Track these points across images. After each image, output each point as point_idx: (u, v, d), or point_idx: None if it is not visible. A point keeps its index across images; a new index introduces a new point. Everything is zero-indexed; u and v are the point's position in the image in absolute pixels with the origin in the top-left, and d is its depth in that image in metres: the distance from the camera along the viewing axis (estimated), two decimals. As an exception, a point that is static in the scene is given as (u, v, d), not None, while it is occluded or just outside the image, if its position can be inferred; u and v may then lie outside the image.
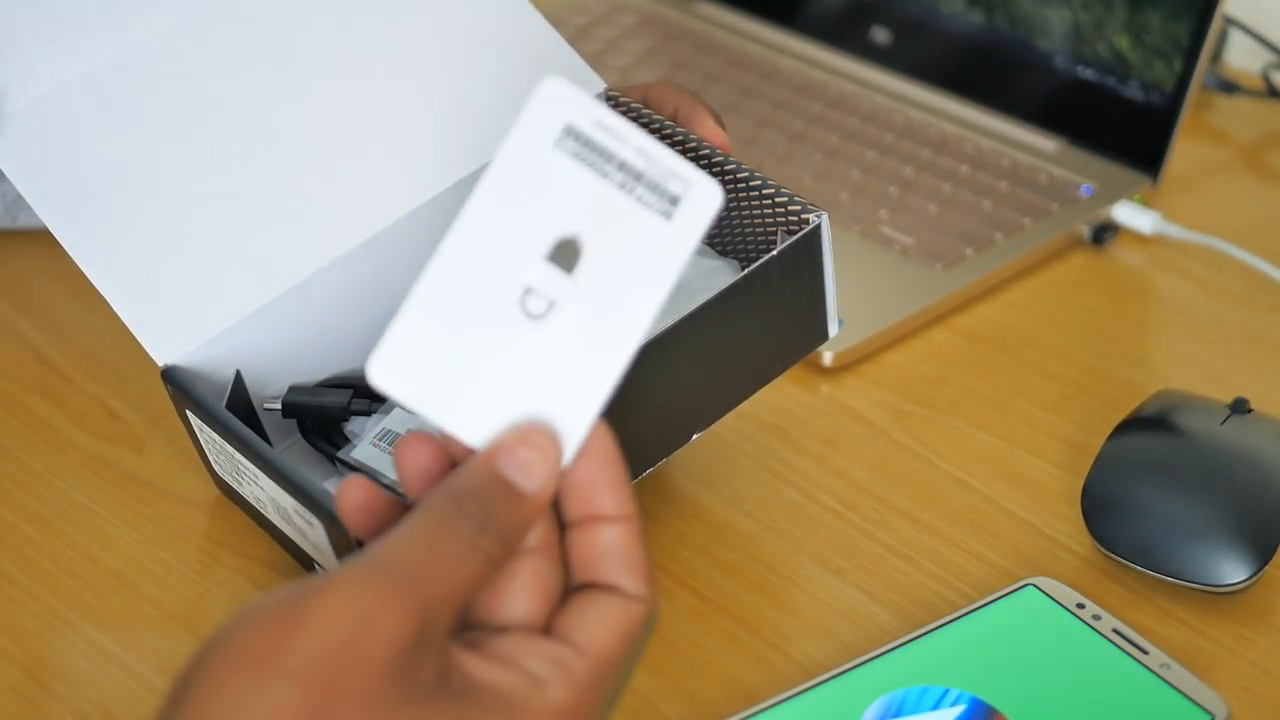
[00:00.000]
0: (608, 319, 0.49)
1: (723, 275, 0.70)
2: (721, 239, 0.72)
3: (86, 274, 0.67)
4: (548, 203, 0.50)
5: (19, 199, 0.83)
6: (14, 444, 0.77)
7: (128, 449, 0.76)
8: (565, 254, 0.50)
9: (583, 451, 0.49)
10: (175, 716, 0.44)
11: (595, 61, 0.74)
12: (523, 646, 0.48)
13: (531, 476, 0.49)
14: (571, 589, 0.50)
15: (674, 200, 0.50)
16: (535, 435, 0.49)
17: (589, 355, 0.49)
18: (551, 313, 0.49)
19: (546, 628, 0.49)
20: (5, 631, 0.68)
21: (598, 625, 0.48)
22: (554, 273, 0.49)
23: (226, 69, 0.71)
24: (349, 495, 0.51)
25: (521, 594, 0.49)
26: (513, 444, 0.49)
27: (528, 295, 0.49)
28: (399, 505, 0.51)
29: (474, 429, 0.49)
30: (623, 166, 0.49)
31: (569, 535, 0.50)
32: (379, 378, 0.49)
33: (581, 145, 0.50)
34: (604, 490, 0.49)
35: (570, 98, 0.50)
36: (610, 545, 0.49)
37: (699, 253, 0.73)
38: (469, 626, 0.49)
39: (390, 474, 0.67)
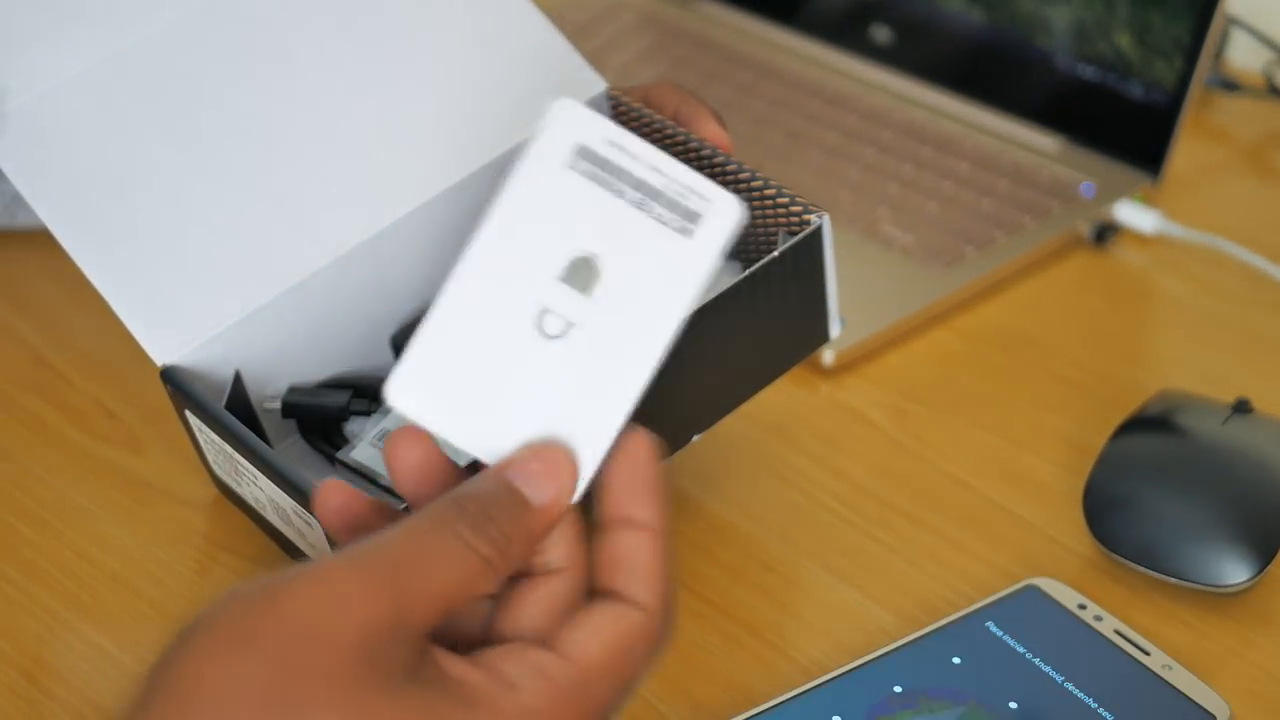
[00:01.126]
0: (628, 337, 0.50)
1: (723, 276, 0.69)
2: None
3: (85, 273, 0.67)
4: (562, 224, 0.50)
5: (18, 197, 0.83)
6: (12, 444, 0.76)
7: (126, 449, 0.76)
8: (581, 274, 0.50)
9: (619, 454, 0.49)
10: (153, 690, 0.45)
11: (594, 59, 0.74)
12: (506, 653, 0.48)
13: (541, 490, 0.48)
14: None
15: (693, 217, 0.50)
16: (550, 451, 0.49)
17: (609, 373, 0.50)
18: (570, 333, 0.50)
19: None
20: (3, 632, 0.68)
21: (590, 635, 0.48)
22: (570, 293, 0.50)
23: (226, 68, 0.70)
24: (328, 498, 0.51)
25: (532, 610, 0.49)
26: (526, 458, 0.49)
27: (544, 316, 0.50)
28: (382, 509, 0.51)
29: (491, 448, 0.50)
30: (638, 185, 0.50)
31: (596, 538, 0.50)
32: (397, 399, 0.49)
33: (595, 165, 0.50)
34: (636, 496, 0.49)
35: (583, 118, 0.50)
36: (631, 551, 0.49)
37: None
38: (482, 643, 0.49)
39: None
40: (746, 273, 0.64)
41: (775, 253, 0.65)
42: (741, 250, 0.71)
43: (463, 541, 0.47)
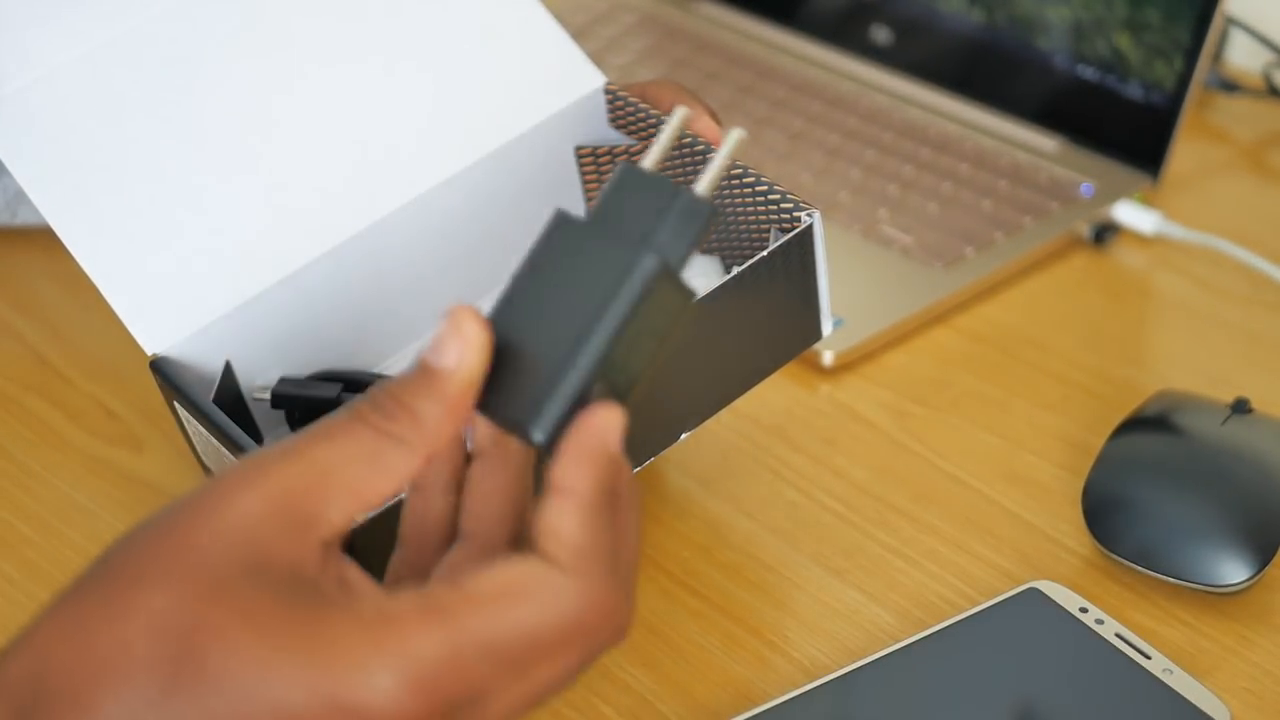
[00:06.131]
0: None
1: (706, 272, 0.70)
2: (715, 235, 0.72)
3: (77, 259, 0.66)
4: None
5: (20, 194, 0.83)
6: (12, 444, 0.77)
7: (126, 449, 0.76)
8: None
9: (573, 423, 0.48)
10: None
11: (595, 60, 0.74)
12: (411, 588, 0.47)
13: (442, 354, 0.47)
14: None
15: None
16: (455, 312, 0.48)
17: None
18: None
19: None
20: (4, 632, 0.67)
21: (485, 571, 0.47)
22: None
23: (222, 55, 0.70)
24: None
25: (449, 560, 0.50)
26: (439, 328, 0.48)
27: None
28: None
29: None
30: None
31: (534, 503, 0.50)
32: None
33: None
34: (558, 460, 0.48)
35: None
36: (550, 515, 0.47)
37: None
38: None
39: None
40: (737, 271, 0.64)
41: (765, 251, 0.65)
42: (734, 247, 0.71)
43: (368, 424, 0.47)
